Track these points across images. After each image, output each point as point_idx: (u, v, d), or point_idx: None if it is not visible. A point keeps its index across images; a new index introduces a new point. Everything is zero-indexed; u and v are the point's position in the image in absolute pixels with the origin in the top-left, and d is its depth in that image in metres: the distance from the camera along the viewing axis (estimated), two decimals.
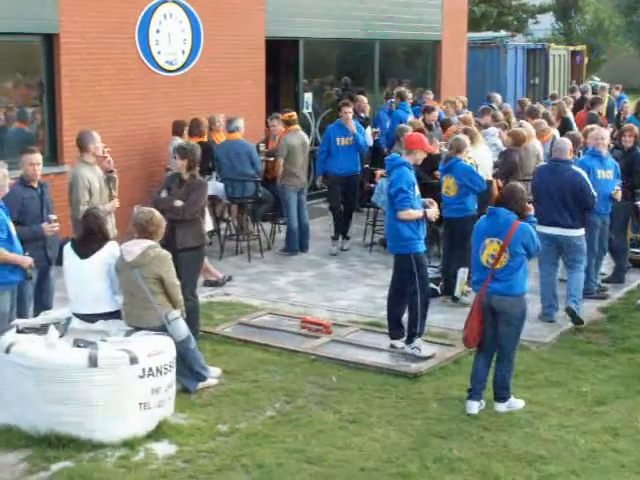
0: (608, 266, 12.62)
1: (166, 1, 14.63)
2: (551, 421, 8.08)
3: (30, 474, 7.00)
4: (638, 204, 12.14)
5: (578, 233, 10.69)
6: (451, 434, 7.79)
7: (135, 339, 7.85)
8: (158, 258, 8.06)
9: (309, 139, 15.41)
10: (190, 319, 8.72)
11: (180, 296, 8.24)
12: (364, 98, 17.30)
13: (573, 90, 23.84)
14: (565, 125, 16.93)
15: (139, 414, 7.57)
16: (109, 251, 8.25)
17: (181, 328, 8.23)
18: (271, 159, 14.55)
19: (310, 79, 18.68)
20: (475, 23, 35.52)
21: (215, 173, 14.06)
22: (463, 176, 11.21)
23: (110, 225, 9.61)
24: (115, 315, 8.24)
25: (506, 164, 13.04)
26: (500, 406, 8.30)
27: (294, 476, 7.03)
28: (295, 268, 13.28)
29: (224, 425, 7.90)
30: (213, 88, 15.45)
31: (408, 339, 9.64)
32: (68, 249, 8.34)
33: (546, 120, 15.33)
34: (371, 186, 14.15)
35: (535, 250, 8.30)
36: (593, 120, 17.41)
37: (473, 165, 11.44)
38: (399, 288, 9.77)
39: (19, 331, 7.95)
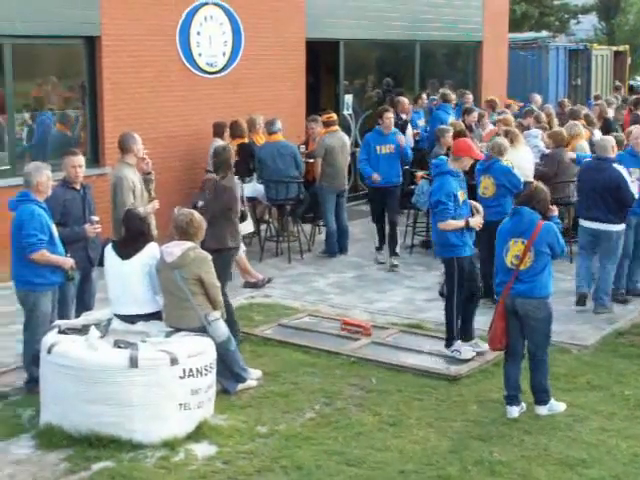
0: None
1: (207, 3, 14.69)
2: (592, 425, 8.00)
3: (71, 473, 7.06)
4: None
5: (616, 228, 10.96)
6: (491, 437, 7.75)
7: (175, 340, 7.88)
8: (198, 259, 8.10)
9: (349, 140, 15.32)
10: None
11: (220, 297, 8.26)
12: (405, 100, 17.24)
13: (618, 89, 23.58)
14: (607, 125, 16.77)
15: (179, 415, 7.60)
16: (150, 252, 8.28)
17: (221, 329, 8.25)
18: (311, 160, 14.54)
19: (350, 80, 18.67)
20: (516, 24, 35.27)
21: (255, 175, 14.08)
22: (502, 176, 11.13)
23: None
24: (156, 316, 8.28)
25: (547, 166, 13.01)
26: (541, 409, 8.23)
27: (333, 478, 7.03)
28: (335, 270, 13.28)
29: (263, 426, 7.91)
30: (253, 90, 15.49)
31: (447, 342, 9.60)
32: (109, 250, 8.39)
33: (587, 121, 15.16)
34: (411, 188, 14.09)
35: (560, 251, 8.19)
36: (637, 121, 17.21)
37: (510, 165, 11.37)
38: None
39: (61, 332, 8.01)
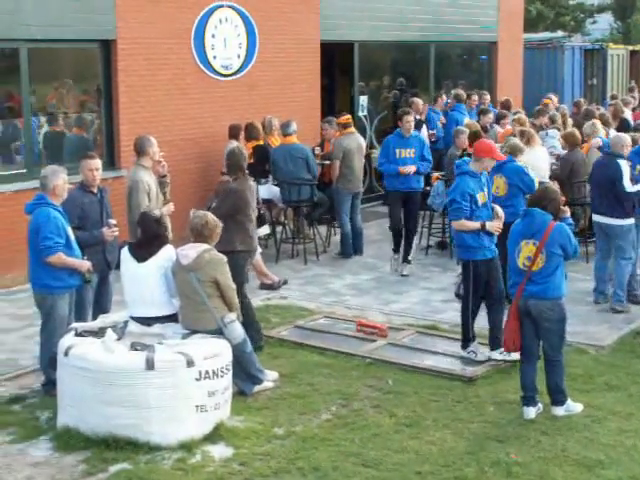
0: None
1: (222, 6, 14.72)
2: (610, 425, 7.97)
3: (89, 475, 7.08)
4: None
5: (620, 222, 11.07)
6: (508, 438, 7.73)
7: (192, 342, 7.89)
8: (213, 261, 8.11)
9: (365, 142, 15.32)
10: None
11: (236, 299, 8.27)
12: (420, 100, 17.22)
13: (632, 89, 23.47)
14: (623, 125, 16.71)
15: (196, 417, 7.61)
16: (166, 255, 8.29)
17: (237, 331, 8.26)
18: (327, 162, 14.54)
19: (365, 82, 18.66)
20: (531, 24, 35.20)
21: (271, 177, 14.10)
22: (515, 176, 11.02)
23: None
24: (172, 318, 8.28)
25: (560, 169, 13.09)
26: (558, 410, 8.20)
27: (350, 479, 7.02)
28: (351, 271, 13.27)
29: (280, 428, 7.92)
30: (268, 92, 15.52)
31: (463, 343, 9.58)
32: (125, 252, 8.41)
33: (602, 120, 15.10)
34: (427, 189, 14.08)
35: (573, 252, 8.12)
36: None
37: (524, 165, 11.33)
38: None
39: (77, 334, 8.03)
